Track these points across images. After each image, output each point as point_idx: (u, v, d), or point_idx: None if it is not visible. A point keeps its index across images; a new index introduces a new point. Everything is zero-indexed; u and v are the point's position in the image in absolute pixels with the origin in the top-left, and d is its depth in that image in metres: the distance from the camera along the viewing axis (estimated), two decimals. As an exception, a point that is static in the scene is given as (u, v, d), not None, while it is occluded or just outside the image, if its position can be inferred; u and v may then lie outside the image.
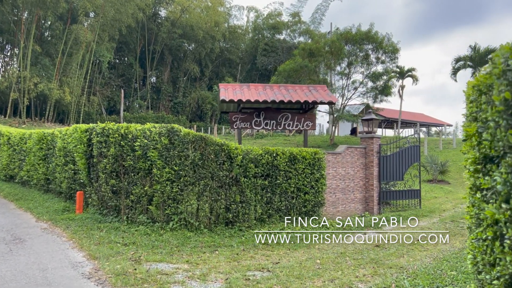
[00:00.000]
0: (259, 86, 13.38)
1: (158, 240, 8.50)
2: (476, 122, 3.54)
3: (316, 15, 50.24)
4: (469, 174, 3.56)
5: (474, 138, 3.30)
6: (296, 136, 34.33)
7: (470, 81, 3.95)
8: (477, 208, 3.27)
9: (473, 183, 3.40)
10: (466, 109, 4.32)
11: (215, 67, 59.47)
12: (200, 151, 9.44)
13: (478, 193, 3.22)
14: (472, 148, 3.52)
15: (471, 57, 25.86)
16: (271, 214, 10.42)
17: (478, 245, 3.33)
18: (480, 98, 3.41)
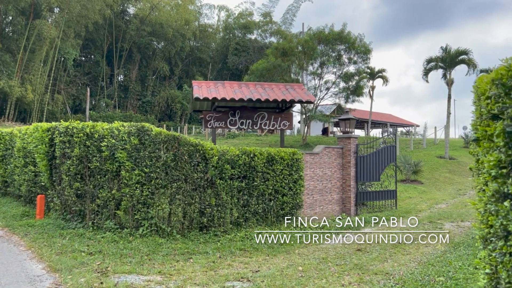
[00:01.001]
0: (234, 84, 12.85)
1: (127, 248, 7.85)
2: (499, 120, 3.15)
3: (287, 15, 50.05)
4: (488, 179, 3.16)
5: (501, 138, 2.89)
6: (268, 136, 33.94)
7: (484, 75, 3.56)
8: (504, 218, 2.85)
9: (496, 189, 2.99)
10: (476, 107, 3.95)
11: (185, 66, 58.45)
12: (173, 151, 8.84)
13: (508, 201, 2.80)
14: (494, 150, 3.12)
15: (442, 58, 26.13)
16: (248, 217, 9.92)
17: (503, 259, 2.94)
18: (502, 92, 3.02)
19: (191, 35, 55.51)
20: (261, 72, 26.48)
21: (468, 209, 14.30)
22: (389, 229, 11.23)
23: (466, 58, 25.61)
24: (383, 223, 12.31)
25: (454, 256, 8.20)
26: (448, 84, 26.60)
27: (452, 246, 9.26)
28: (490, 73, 3.47)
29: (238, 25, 55.23)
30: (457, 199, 17.14)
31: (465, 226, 11.64)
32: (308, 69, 28.23)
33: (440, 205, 15.55)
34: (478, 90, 3.63)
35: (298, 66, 27.31)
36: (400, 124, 55.41)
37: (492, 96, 3.23)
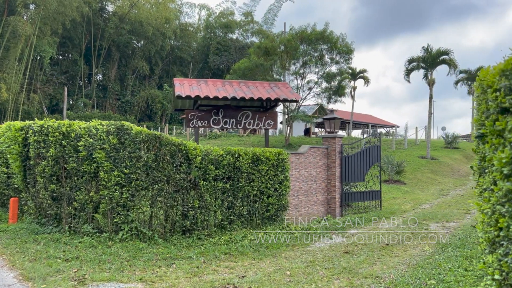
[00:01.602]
0: (217, 82, 12.51)
1: (106, 254, 7.44)
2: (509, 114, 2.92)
3: (268, 15, 49.92)
4: (499, 177, 2.93)
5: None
6: (251, 137, 33.64)
7: (495, 66, 3.34)
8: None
9: (509, 188, 2.76)
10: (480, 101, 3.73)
11: (165, 65, 57.70)
12: (154, 151, 8.46)
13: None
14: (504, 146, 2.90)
15: (424, 58, 26.26)
16: (233, 220, 9.60)
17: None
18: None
19: (171, 34, 54.82)
20: (243, 71, 26.19)
21: (452, 210, 14.29)
22: (375, 231, 11.07)
23: (447, 59, 25.81)
24: (368, 224, 12.16)
25: (443, 258, 8.04)
26: (429, 85, 26.76)
27: (440, 248, 9.12)
28: (473, 73, 3.26)
29: (219, 24, 54.87)
30: (440, 199, 17.16)
31: (451, 227, 11.56)
32: (290, 69, 28.04)
33: (424, 206, 15.51)
34: (484, 82, 3.40)
35: (281, 65, 27.10)
36: (380, 125, 55.85)
37: (502, 88, 3.00)
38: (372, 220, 12.59)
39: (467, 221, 12.29)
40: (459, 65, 26.44)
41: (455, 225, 11.86)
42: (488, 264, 3.23)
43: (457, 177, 23.86)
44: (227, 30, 54.66)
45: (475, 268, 7.16)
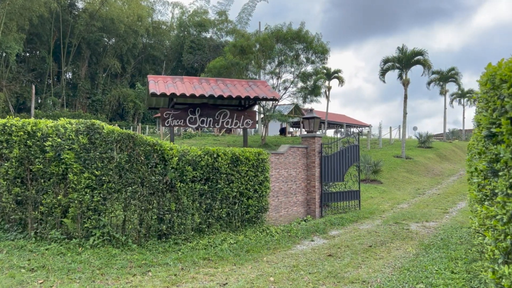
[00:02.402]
0: (194, 79, 12.04)
1: (75, 261, 6.90)
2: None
3: (243, 14, 49.61)
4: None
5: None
6: (226, 136, 33.18)
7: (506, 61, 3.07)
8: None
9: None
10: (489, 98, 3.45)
11: (137, 63, 56.52)
12: (127, 152, 7.96)
13: None
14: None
15: (399, 59, 26.42)
16: (211, 223, 9.18)
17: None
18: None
19: (144, 32, 53.72)
20: (219, 70, 25.74)
21: (430, 209, 14.26)
22: (356, 232, 10.86)
23: (422, 59, 26.04)
24: (349, 225, 11.95)
25: (428, 260, 7.86)
26: (404, 85, 26.95)
27: (423, 249, 8.97)
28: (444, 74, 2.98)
29: (193, 23, 54.23)
30: (418, 199, 17.17)
31: (431, 227, 11.47)
32: (266, 68, 27.75)
33: (402, 205, 15.46)
34: (497, 77, 3.11)
35: (256, 64, 26.76)
36: (354, 125, 56.30)
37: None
38: (352, 220, 12.39)
39: (447, 221, 12.24)
40: (433, 65, 26.76)
41: (435, 225, 11.78)
42: (502, 275, 2.94)
43: (431, 176, 24.08)
44: (201, 29, 54.07)
45: (462, 270, 6.99)
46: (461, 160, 31.58)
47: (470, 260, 7.53)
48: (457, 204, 15.32)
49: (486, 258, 4.12)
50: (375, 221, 12.51)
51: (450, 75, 38.35)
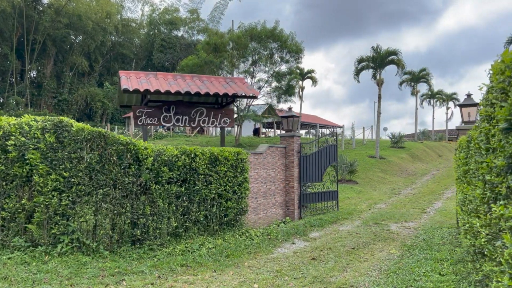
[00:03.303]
0: (168, 75, 11.50)
1: (41, 271, 6.30)
2: None
3: (215, 13, 49.08)
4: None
5: None
6: (198, 137, 32.55)
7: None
8: None
9: None
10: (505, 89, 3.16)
11: (106, 62, 54.98)
12: (98, 151, 7.40)
13: None
14: None
15: (373, 58, 26.51)
16: (188, 227, 8.70)
17: None
18: None
19: (112, 29, 52.30)
20: (191, 68, 25.14)
21: (408, 209, 14.20)
22: (337, 233, 10.60)
23: (396, 59, 26.21)
24: (328, 226, 11.70)
25: (413, 262, 7.66)
26: (378, 84, 27.07)
27: (406, 250, 8.79)
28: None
29: (164, 21, 53.29)
30: (394, 199, 17.14)
31: (411, 227, 11.35)
32: (240, 67, 27.31)
33: (380, 205, 15.36)
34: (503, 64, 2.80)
35: (230, 63, 26.30)
36: (326, 125, 56.57)
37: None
38: (331, 221, 12.15)
39: (425, 221, 12.17)
40: (406, 65, 27.00)
41: (414, 225, 11.67)
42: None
43: (405, 176, 24.24)
44: (172, 27, 53.18)
45: (449, 271, 6.81)
46: (433, 160, 32.06)
47: (455, 261, 7.36)
48: (433, 204, 15.35)
49: (503, 262, 3.85)
50: (355, 222, 12.31)
51: (422, 75, 38.98)
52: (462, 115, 10.64)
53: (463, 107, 10.60)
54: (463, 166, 5.53)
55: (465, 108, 10.57)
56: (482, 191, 4.05)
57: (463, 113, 10.61)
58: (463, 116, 10.63)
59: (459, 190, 6.30)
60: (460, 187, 5.97)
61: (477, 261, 5.51)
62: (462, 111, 10.64)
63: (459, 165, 6.02)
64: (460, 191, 6.04)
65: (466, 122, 10.51)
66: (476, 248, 5.25)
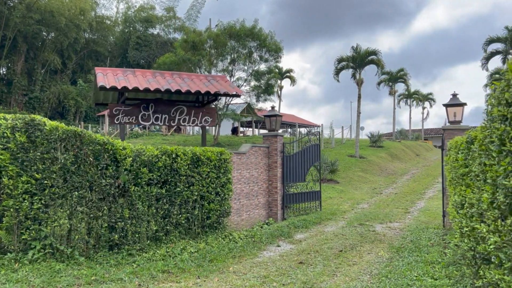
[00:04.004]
0: (147, 73, 11.02)
1: (11, 281, 5.80)
2: None
3: (191, 11, 48.44)
4: None
5: None
6: (175, 136, 31.91)
7: None
8: None
9: None
10: None
11: (80, 59, 53.52)
12: (73, 152, 6.92)
13: None
14: None
15: (353, 58, 26.48)
16: (169, 230, 8.28)
17: None
18: None
19: (86, 26, 50.90)
20: (169, 66, 24.57)
21: (391, 209, 14.10)
22: (322, 235, 10.35)
23: (375, 58, 26.24)
24: (313, 227, 11.45)
25: (404, 264, 7.45)
26: (358, 84, 27.06)
27: (395, 252, 8.60)
28: None
29: (139, 18, 52.35)
30: (376, 198, 17.06)
31: (396, 228, 11.21)
32: (218, 66, 26.88)
33: (362, 205, 15.22)
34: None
35: (209, 61, 25.83)
36: (303, 125, 56.65)
37: None
38: (315, 222, 11.91)
39: (410, 221, 12.06)
40: (385, 65, 27.10)
41: (400, 225, 11.54)
42: None
43: (385, 175, 24.29)
44: (147, 25, 52.28)
45: (442, 275, 6.62)
46: (411, 159, 32.35)
47: (447, 264, 7.19)
48: (416, 204, 15.31)
49: (493, 268, 3.62)
50: (339, 222, 12.10)
51: (400, 75, 39.35)
52: (448, 115, 10.53)
53: (449, 106, 10.49)
54: (461, 168, 5.32)
55: (451, 108, 10.47)
56: (491, 195, 3.80)
57: (449, 113, 10.51)
58: (448, 116, 10.53)
59: (455, 193, 6.10)
60: (457, 190, 5.76)
61: (476, 266, 5.31)
62: (448, 111, 10.54)
63: (455, 166, 5.81)
64: (456, 193, 5.83)
65: (452, 122, 10.41)
66: (476, 253, 5.04)
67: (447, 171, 7.33)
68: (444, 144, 10.29)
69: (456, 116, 10.36)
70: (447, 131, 10.33)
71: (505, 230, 3.50)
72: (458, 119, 10.34)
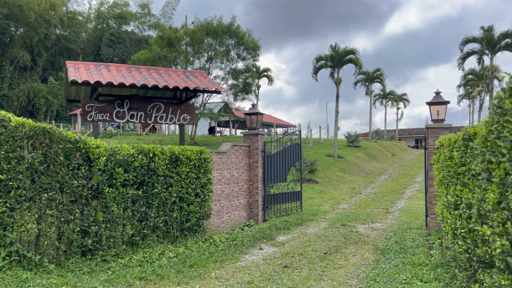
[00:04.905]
0: (122, 67, 10.49)
1: (-30, 293, 5.27)
2: None
3: (166, 8, 47.67)
4: None
5: None
6: (151, 136, 31.15)
7: None
8: None
9: None
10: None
11: (50, 56, 51.88)
12: (42, 150, 6.39)
13: None
14: None
15: (332, 57, 26.36)
16: (146, 234, 7.82)
17: None
18: None
19: (57, 22, 49.33)
20: (144, 63, 23.86)
21: (372, 209, 13.94)
22: (305, 237, 10.06)
23: (354, 58, 26.22)
24: (295, 228, 11.16)
25: (391, 267, 7.22)
26: (336, 83, 26.98)
27: (380, 253, 8.38)
28: None
29: (113, 15, 51.21)
30: (356, 198, 16.92)
31: (379, 228, 11.03)
32: (194, 63, 26.32)
33: (343, 205, 15.03)
34: None
35: (185, 59, 25.26)
36: (280, 125, 56.54)
37: None
38: (297, 224, 11.62)
39: (392, 222, 11.91)
40: (363, 65, 27.10)
41: (382, 226, 11.37)
42: None
43: (363, 175, 24.28)
44: (121, 22, 51.17)
45: (431, 278, 6.41)
46: (388, 159, 32.55)
47: (435, 266, 6.99)
48: (396, 204, 15.22)
49: (497, 272, 3.36)
50: (320, 223, 11.85)
51: (376, 75, 39.61)
52: (431, 113, 10.41)
53: (432, 105, 10.37)
54: (456, 166, 5.08)
55: (434, 106, 10.35)
56: (498, 195, 3.54)
57: (432, 111, 10.38)
58: (432, 114, 10.40)
59: (447, 193, 5.87)
60: (450, 189, 5.53)
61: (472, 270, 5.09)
62: (431, 109, 10.41)
63: (449, 165, 5.58)
64: (449, 193, 5.60)
65: (435, 120, 10.27)
66: (474, 256, 4.81)
67: (437, 170, 7.12)
68: (428, 143, 10.15)
69: (439, 114, 10.24)
70: (430, 130, 10.19)
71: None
72: (441, 118, 10.22)
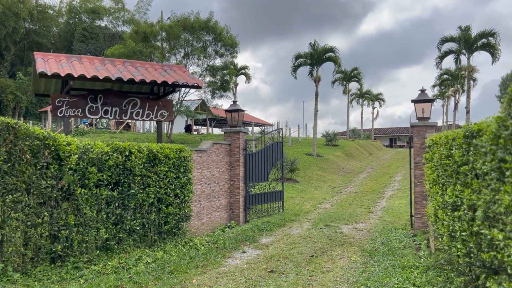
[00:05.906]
0: (95, 60, 9.85)
1: None
2: None
3: (141, 4, 46.34)
4: None
5: None
6: (125, 134, 30.25)
7: None
8: None
9: None
10: None
11: (19, 51, 50.00)
12: (6, 147, 5.79)
13: None
14: None
15: (311, 55, 26.11)
16: (122, 238, 7.28)
17: None
18: None
19: (27, 15, 47.54)
20: (118, 58, 23.03)
21: (354, 209, 13.69)
22: (289, 238, 9.68)
23: (333, 56, 26.04)
24: (278, 229, 10.78)
25: (380, 270, 6.91)
26: (315, 82, 26.75)
27: (368, 255, 8.09)
28: None
29: (85, 9, 49.84)
30: (337, 198, 16.67)
31: (363, 229, 10.76)
32: (171, 59, 25.64)
33: (324, 205, 14.74)
34: None
35: (161, 55, 24.56)
36: (257, 123, 56.22)
37: None
38: (279, 224, 11.24)
39: (375, 222, 11.67)
40: (342, 63, 26.98)
41: (366, 226, 11.11)
42: None
43: (343, 174, 24.13)
44: (94, 16, 49.84)
45: (423, 281, 6.12)
46: (365, 158, 32.59)
47: (425, 269, 6.72)
48: (378, 203, 15.03)
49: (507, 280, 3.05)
50: (303, 224, 11.50)
51: (353, 75, 39.71)
52: (416, 111, 10.19)
53: (417, 102, 10.15)
54: (458, 165, 4.77)
55: (419, 104, 10.13)
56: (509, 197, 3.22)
57: (417, 109, 10.16)
58: (417, 112, 10.18)
59: (444, 193, 5.57)
60: (448, 190, 5.22)
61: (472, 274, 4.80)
62: (416, 107, 10.19)
63: (447, 164, 5.27)
64: (446, 194, 5.30)
65: (420, 118, 10.06)
66: (476, 261, 4.50)
67: (430, 169, 6.83)
68: (413, 141, 9.93)
69: (424, 112, 10.03)
70: (415, 128, 9.96)
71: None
72: (426, 116, 10.00)
